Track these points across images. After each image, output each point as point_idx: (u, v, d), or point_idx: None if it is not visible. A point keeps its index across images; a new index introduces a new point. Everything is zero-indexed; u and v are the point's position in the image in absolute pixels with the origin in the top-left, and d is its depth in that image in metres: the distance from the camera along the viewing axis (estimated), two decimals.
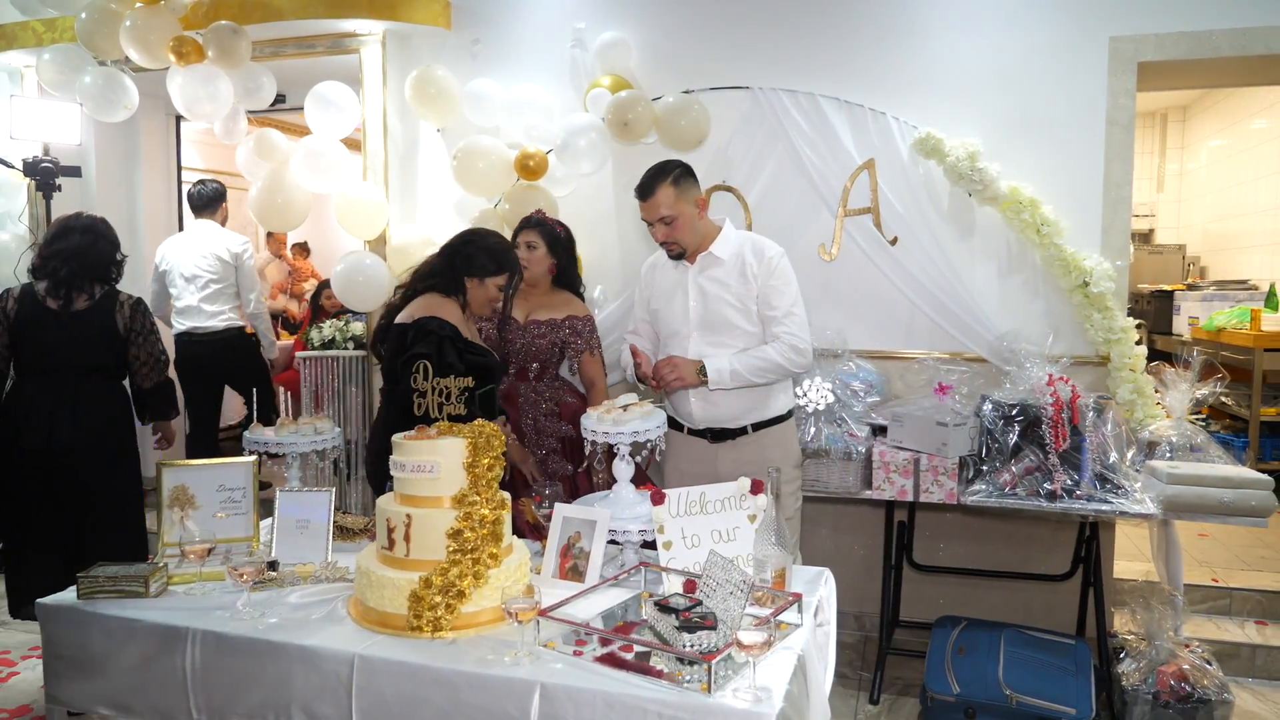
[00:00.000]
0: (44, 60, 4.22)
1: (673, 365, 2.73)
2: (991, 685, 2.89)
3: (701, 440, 2.85)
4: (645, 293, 2.98)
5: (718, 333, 2.80)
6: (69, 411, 3.13)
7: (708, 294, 2.81)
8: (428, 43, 4.14)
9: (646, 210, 2.78)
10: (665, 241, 2.79)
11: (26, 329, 3.13)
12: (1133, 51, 3.38)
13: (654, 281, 2.96)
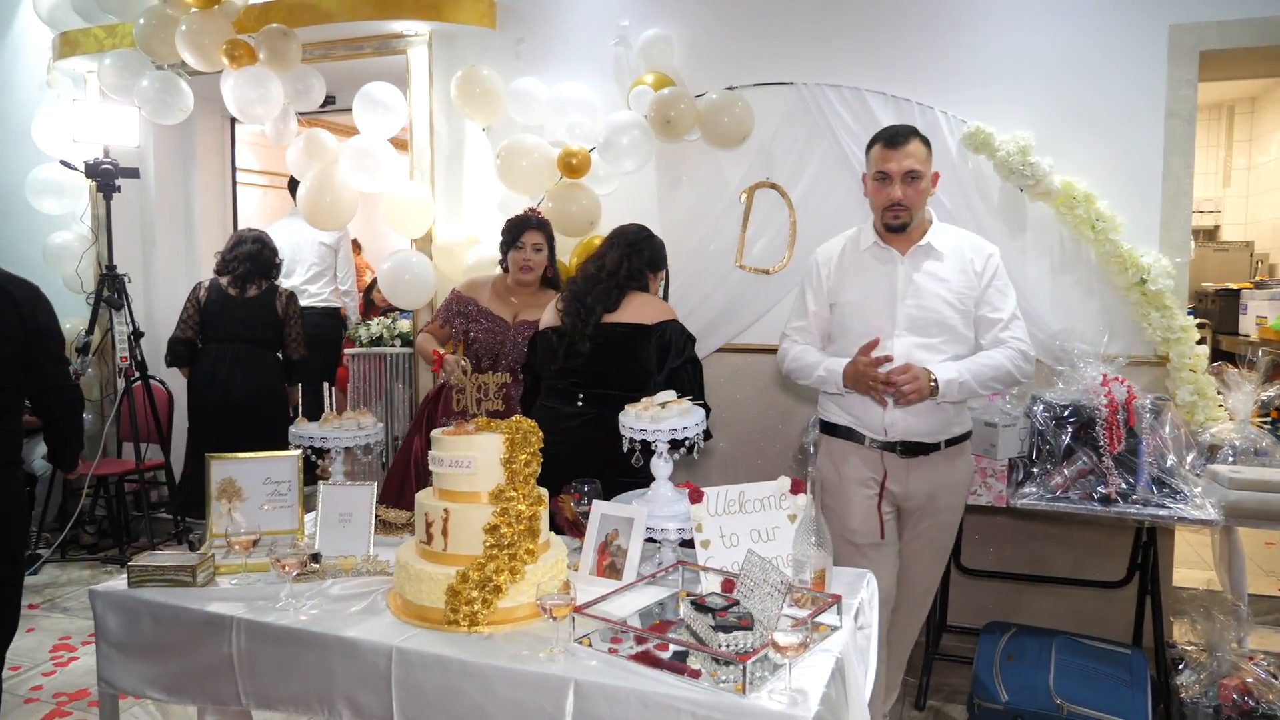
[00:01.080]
0: (105, 65, 4.35)
1: (912, 375, 2.35)
2: (1042, 694, 2.81)
3: (887, 454, 2.56)
4: (826, 283, 2.63)
5: (929, 334, 2.50)
6: (242, 370, 4.12)
7: (923, 290, 2.50)
8: (473, 43, 4.17)
9: (893, 159, 2.46)
10: (897, 204, 2.46)
11: (213, 310, 4.16)
12: (1194, 40, 3.26)
13: (843, 271, 2.61)
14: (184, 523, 4.76)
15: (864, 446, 2.58)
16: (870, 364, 2.39)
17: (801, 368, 2.61)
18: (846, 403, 2.59)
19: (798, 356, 2.63)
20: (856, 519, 2.61)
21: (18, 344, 2.55)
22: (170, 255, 5.30)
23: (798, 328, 2.69)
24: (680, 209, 3.83)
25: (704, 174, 3.85)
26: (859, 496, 2.60)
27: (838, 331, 2.61)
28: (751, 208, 3.72)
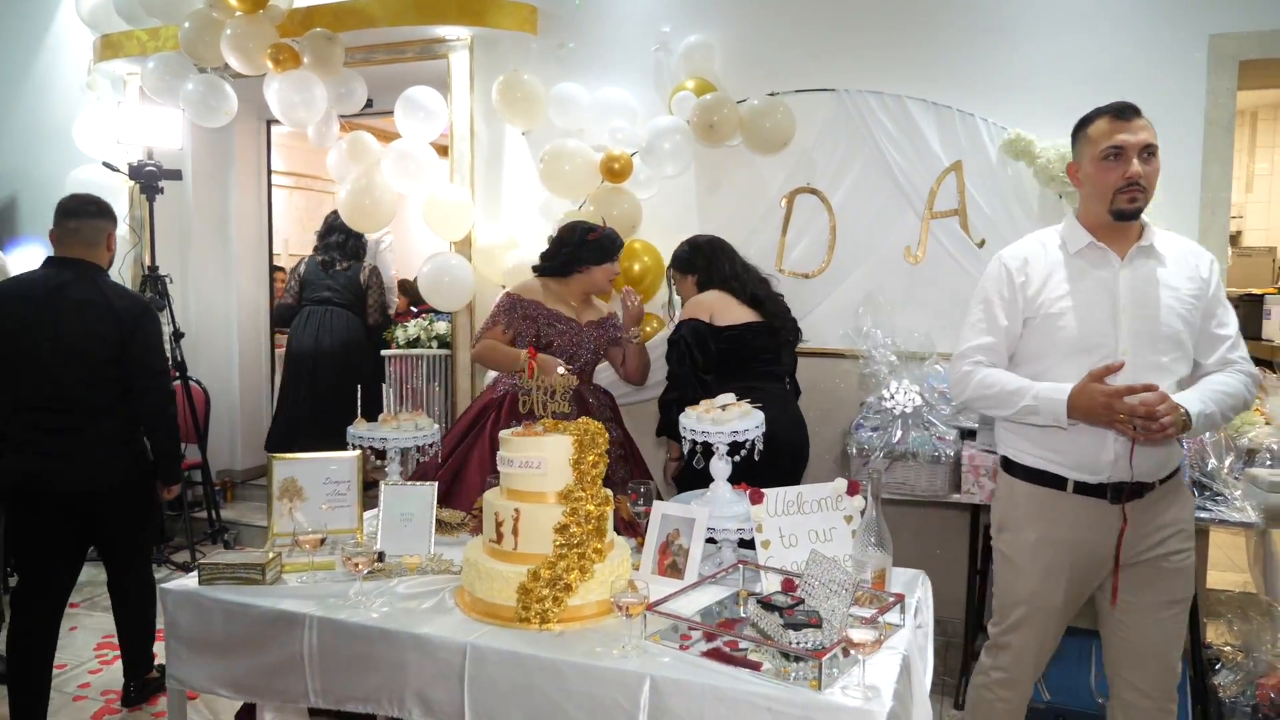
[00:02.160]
0: (148, 68, 4.41)
1: (1171, 405, 1.94)
2: (1084, 693, 2.85)
3: (1093, 499, 2.14)
4: (1022, 293, 2.18)
5: (1157, 350, 2.10)
6: (329, 328, 4.93)
7: (1148, 299, 2.11)
8: (514, 48, 4.22)
9: (1128, 130, 2.10)
10: (1134, 183, 2.08)
11: (309, 280, 5.06)
12: (1234, 49, 3.29)
13: (1044, 278, 2.17)
14: (220, 523, 4.82)
15: (1065, 492, 2.16)
16: (1115, 392, 1.96)
17: (997, 395, 2.15)
18: (1048, 438, 2.15)
19: (993, 383, 2.16)
20: (1039, 579, 2.22)
21: (114, 348, 2.87)
22: (207, 256, 5.36)
23: (982, 347, 2.21)
24: (720, 213, 3.87)
25: (744, 179, 3.89)
26: (1051, 554, 2.19)
27: (1035, 351, 2.19)
28: (792, 212, 3.77)
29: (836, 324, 3.67)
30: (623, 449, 3.21)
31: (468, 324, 4.43)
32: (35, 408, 2.82)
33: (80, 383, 2.83)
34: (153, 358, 2.98)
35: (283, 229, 7.62)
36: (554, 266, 3.24)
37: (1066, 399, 2.03)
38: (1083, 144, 2.20)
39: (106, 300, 2.87)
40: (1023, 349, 2.21)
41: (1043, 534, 2.20)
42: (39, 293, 2.83)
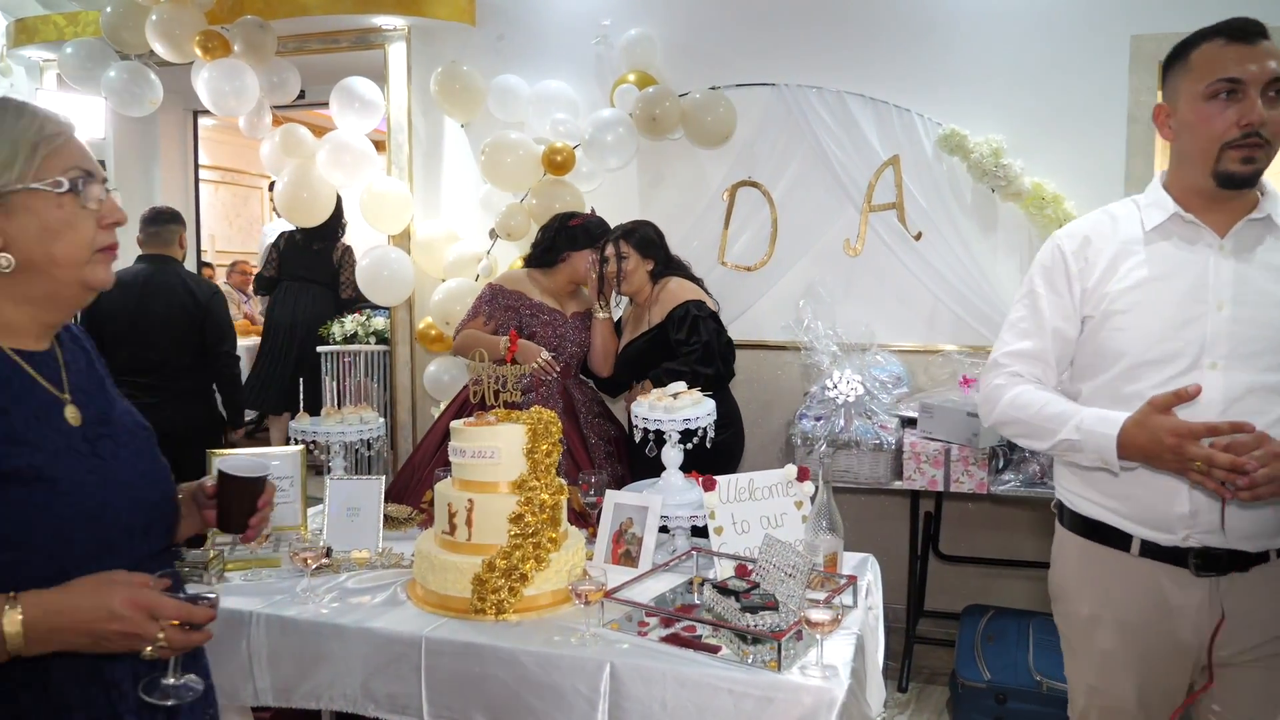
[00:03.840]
0: (66, 54, 4.23)
1: (1272, 451, 1.40)
2: (1022, 672, 2.94)
3: (1174, 569, 1.59)
4: (1080, 283, 1.67)
5: (1263, 367, 1.56)
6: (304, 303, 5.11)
7: (1255, 295, 1.58)
8: (452, 39, 4.17)
9: (1250, 59, 1.53)
10: (1249, 134, 1.51)
11: (288, 255, 5.19)
12: (1154, 49, 3.43)
13: (1111, 263, 1.65)
14: None
15: (1130, 554, 1.63)
16: (1188, 431, 1.42)
17: (1031, 421, 1.66)
18: (1104, 478, 1.63)
19: (1027, 404, 1.66)
20: (1095, 670, 1.72)
21: (192, 322, 3.74)
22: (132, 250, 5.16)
23: (1020, 354, 1.73)
24: (663, 207, 3.88)
25: (686, 172, 3.91)
26: (1113, 639, 1.67)
27: (1091, 363, 1.68)
28: (734, 206, 3.80)
29: (778, 316, 3.71)
30: (613, 445, 3.19)
31: (407, 319, 4.36)
32: (131, 369, 3.58)
33: (164, 350, 3.68)
34: (223, 329, 3.82)
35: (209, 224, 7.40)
36: (537, 255, 3.22)
37: (1117, 434, 1.50)
38: (1180, 75, 1.61)
39: (185, 285, 3.76)
40: (1078, 360, 1.71)
41: (1098, 610, 1.68)
42: (132, 283, 3.67)
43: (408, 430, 4.37)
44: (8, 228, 1.13)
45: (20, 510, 1.10)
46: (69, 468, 1.15)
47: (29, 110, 1.16)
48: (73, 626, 1.09)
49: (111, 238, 1.23)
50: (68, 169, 1.16)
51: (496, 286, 3.19)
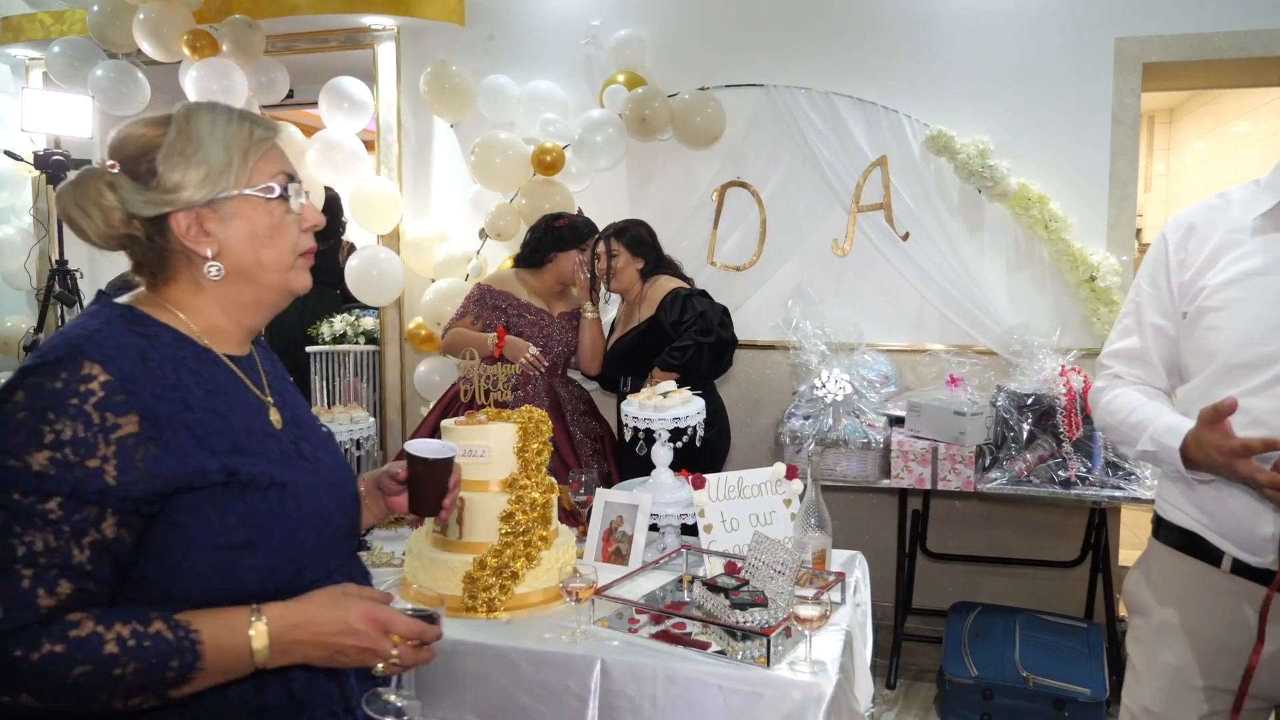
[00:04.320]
0: (53, 53, 4.22)
1: None
2: (1008, 668, 2.97)
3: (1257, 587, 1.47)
4: (1179, 275, 1.56)
5: None
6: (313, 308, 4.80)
7: None
8: (442, 38, 4.17)
9: None
10: None
11: None
12: (1138, 52, 3.47)
13: (1212, 255, 1.52)
14: None
15: (1220, 570, 1.51)
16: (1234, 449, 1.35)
17: (1119, 426, 1.58)
18: (1206, 496, 1.51)
19: (1119, 408, 1.59)
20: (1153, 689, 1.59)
21: None
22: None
23: (1122, 354, 1.65)
24: (652, 207, 3.90)
25: (675, 173, 3.93)
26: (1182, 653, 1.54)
27: (1188, 363, 1.57)
28: (723, 206, 3.82)
29: (767, 316, 3.73)
30: (600, 443, 3.21)
31: (396, 319, 4.36)
32: None
33: None
34: None
35: None
36: (525, 256, 3.24)
37: (1180, 446, 1.43)
38: None
39: None
40: (1180, 361, 1.59)
41: (1174, 621, 1.55)
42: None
43: (397, 430, 4.37)
44: (221, 234, 1.12)
45: (261, 515, 1.09)
46: (292, 471, 1.14)
47: (239, 113, 1.15)
48: (312, 640, 1.08)
49: (310, 242, 1.21)
50: (275, 174, 1.15)
51: (485, 286, 3.21)
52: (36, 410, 0.97)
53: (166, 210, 1.09)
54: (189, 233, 1.10)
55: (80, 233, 1.11)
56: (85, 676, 0.96)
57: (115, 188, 1.08)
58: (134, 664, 0.98)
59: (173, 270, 1.13)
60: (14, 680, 0.95)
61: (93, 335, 1.04)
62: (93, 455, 0.98)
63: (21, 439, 0.96)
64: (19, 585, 0.95)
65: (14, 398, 0.99)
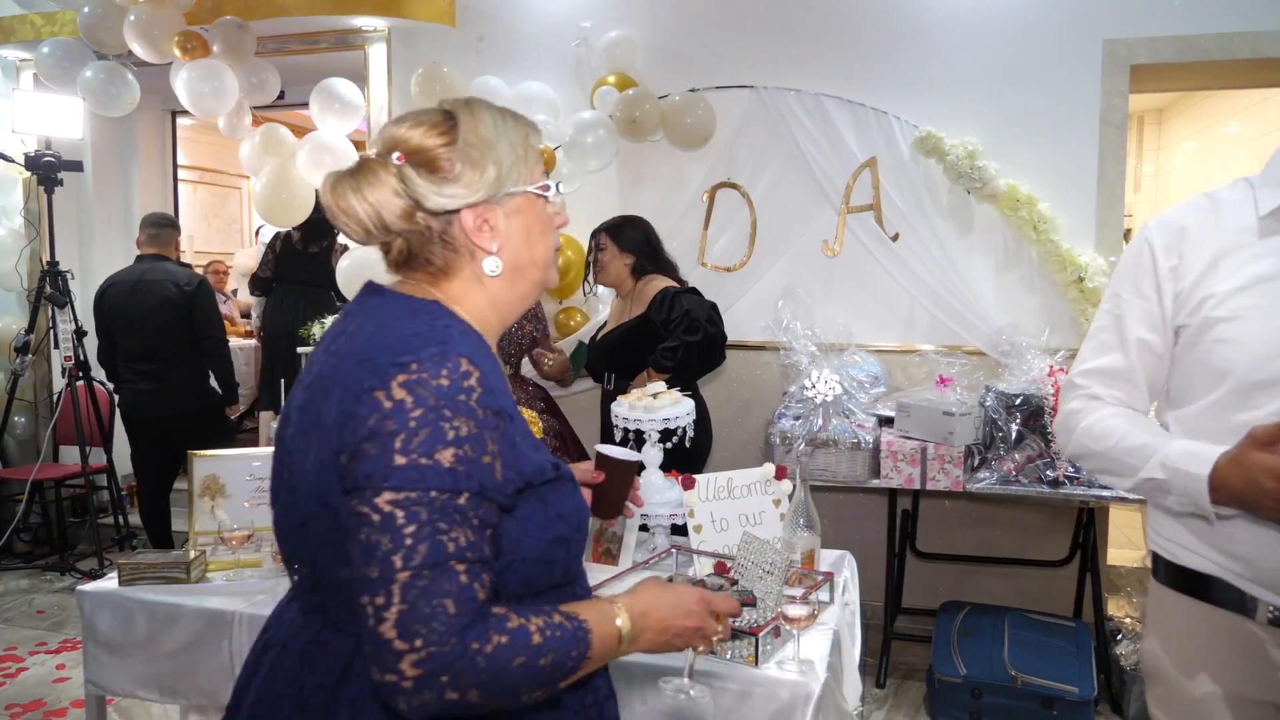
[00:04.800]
0: (43, 54, 4.21)
1: None
2: (997, 666, 2.99)
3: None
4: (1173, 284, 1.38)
5: None
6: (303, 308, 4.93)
7: None
8: (433, 40, 4.18)
9: None
10: None
11: (285, 257, 5.10)
12: (1125, 54, 3.49)
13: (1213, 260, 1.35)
14: (127, 528, 4.64)
15: (1254, 622, 1.29)
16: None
17: (1109, 454, 1.37)
18: (1229, 535, 1.31)
19: (1105, 433, 1.38)
20: None
21: (181, 311, 4.07)
22: (110, 252, 5.14)
23: (1101, 373, 1.45)
24: (643, 208, 3.89)
25: (666, 174, 3.94)
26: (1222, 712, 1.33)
27: (1188, 382, 1.38)
28: (713, 207, 3.83)
29: (758, 316, 3.75)
30: (559, 440, 3.22)
31: None
32: (133, 357, 4.08)
33: (160, 340, 4.05)
34: (209, 316, 4.16)
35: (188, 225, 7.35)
36: None
37: (1209, 473, 1.23)
38: None
39: (172, 279, 4.09)
40: (1172, 381, 1.41)
41: (1213, 688, 1.33)
42: (128, 280, 4.09)
43: None
44: (504, 229, 1.12)
45: (567, 509, 1.10)
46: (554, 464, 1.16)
47: (512, 113, 1.16)
48: (655, 626, 1.11)
49: (558, 239, 1.22)
50: (543, 173, 1.17)
51: None
52: (432, 408, 0.95)
53: (460, 205, 1.08)
54: (476, 227, 1.10)
55: (346, 221, 1.09)
56: (521, 668, 0.96)
57: (403, 179, 1.07)
58: (551, 654, 0.98)
59: (454, 265, 1.12)
60: (469, 674, 0.93)
61: (449, 330, 1.02)
62: (485, 451, 0.97)
63: (427, 437, 0.94)
64: (459, 580, 0.93)
65: (397, 396, 0.95)
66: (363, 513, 0.94)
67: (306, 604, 1.10)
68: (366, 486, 0.94)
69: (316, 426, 1.02)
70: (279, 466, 1.11)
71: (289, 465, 1.07)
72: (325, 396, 1.02)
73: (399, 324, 1.03)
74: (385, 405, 0.95)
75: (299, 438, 1.06)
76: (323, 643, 1.06)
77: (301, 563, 1.09)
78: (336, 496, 0.99)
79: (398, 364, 0.97)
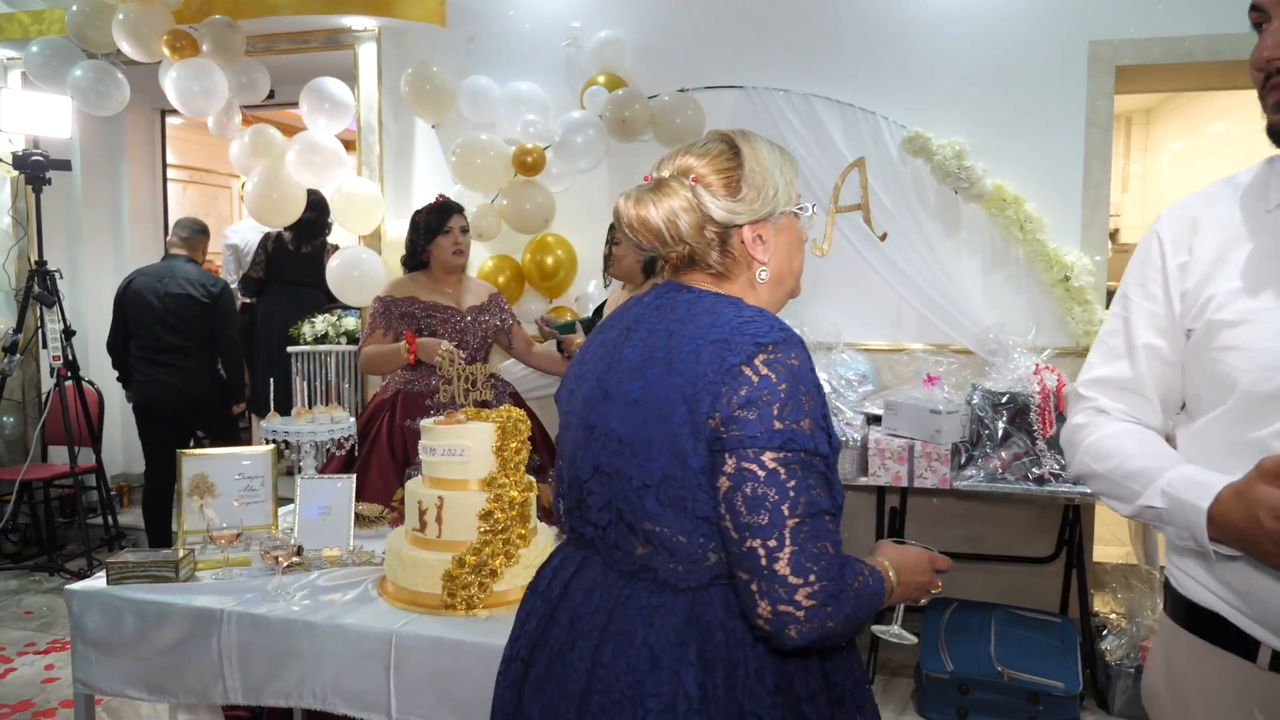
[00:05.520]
0: (32, 53, 4.20)
1: None
2: (984, 662, 3.01)
3: None
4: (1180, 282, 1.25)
5: None
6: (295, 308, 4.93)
7: None
8: (423, 39, 4.18)
9: None
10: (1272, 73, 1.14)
11: (277, 258, 5.05)
12: (1111, 55, 3.52)
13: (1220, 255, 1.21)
14: (116, 528, 4.63)
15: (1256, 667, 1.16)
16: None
17: (1110, 476, 1.24)
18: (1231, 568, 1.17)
19: (1108, 452, 1.26)
20: None
21: (206, 310, 4.33)
22: (99, 252, 5.14)
23: (1106, 383, 1.32)
24: None
25: None
26: None
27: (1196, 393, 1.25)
28: None
29: None
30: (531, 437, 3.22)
31: None
32: (153, 348, 4.28)
33: (179, 334, 4.29)
34: (229, 319, 4.45)
35: None
36: (407, 261, 3.22)
37: (1209, 506, 1.09)
38: None
39: (199, 280, 4.36)
40: (1186, 390, 1.27)
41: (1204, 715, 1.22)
42: (158, 273, 4.33)
43: None
44: (773, 243, 1.28)
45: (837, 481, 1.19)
46: None
47: (776, 144, 1.33)
48: (905, 580, 1.28)
49: None
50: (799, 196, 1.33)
51: (385, 297, 3.13)
52: (791, 383, 1.11)
53: (744, 220, 1.25)
54: (753, 240, 1.26)
55: (641, 230, 1.25)
56: (866, 603, 1.15)
57: (697, 196, 1.23)
58: (873, 596, 1.17)
59: (733, 271, 1.28)
60: (845, 606, 1.10)
61: (777, 321, 1.18)
62: (825, 421, 1.14)
63: (793, 408, 1.10)
64: (828, 526, 1.11)
65: (762, 372, 1.11)
66: (748, 469, 1.09)
67: (627, 568, 1.22)
68: (750, 446, 1.09)
69: (658, 399, 1.16)
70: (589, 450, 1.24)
71: (615, 441, 1.20)
72: (667, 370, 1.17)
73: (733, 312, 1.19)
74: (753, 379, 1.11)
75: (633, 410, 1.19)
76: (659, 605, 1.19)
77: (631, 531, 1.20)
78: (697, 457, 1.13)
79: (758, 344, 1.12)
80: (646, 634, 1.17)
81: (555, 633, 1.27)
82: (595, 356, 1.31)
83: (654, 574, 1.19)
